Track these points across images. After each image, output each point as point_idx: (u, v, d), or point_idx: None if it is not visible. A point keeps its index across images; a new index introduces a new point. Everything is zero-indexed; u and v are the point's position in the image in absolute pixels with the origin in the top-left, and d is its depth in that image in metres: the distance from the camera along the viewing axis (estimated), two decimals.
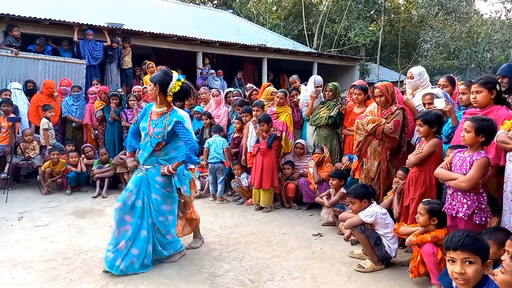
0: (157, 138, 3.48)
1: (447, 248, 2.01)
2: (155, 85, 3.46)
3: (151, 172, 3.55)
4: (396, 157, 4.39)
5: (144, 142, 3.57)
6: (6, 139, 6.55)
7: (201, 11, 18.37)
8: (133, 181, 3.57)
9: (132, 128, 3.80)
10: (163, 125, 3.47)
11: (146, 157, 3.56)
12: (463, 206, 2.92)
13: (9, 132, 6.45)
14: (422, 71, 4.75)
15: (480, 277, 1.93)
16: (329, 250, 4.06)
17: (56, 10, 10.30)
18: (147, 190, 3.52)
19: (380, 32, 20.01)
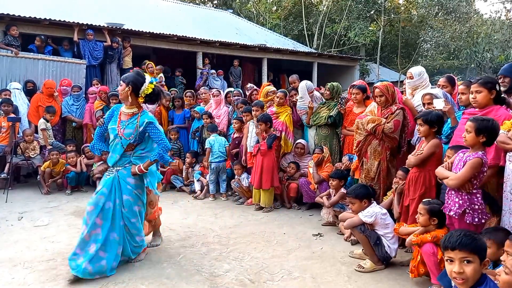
0: (128, 139, 3.46)
1: (445, 248, 2.01)
2: (127, 85, 3.43)
3: (122, 173, 3.50)
4: (396, 157, 4.39)
5: (114, 143, 3.51)
6: (6, 139, 6.55)
7: (201, 11, 18.37)
8: (103, 183, 3.50)
9: (98, 131, 3.70)
10: (134, 126, 3.45)
11: (117, 159, 3.50)
12: (455, 205, 2.95)
13: (9, 132, 6.46)
14: (422, 71, 4.75)
15: (479, 276, 1.93)
16: (329, 250, 4.06)
17: (56, 10, 10.30)
18: (118, 192, 3.47)
19: (380, 32, 20.00)
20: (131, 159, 3.53)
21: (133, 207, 3.53)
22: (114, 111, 3.58)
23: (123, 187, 3.48)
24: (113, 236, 3.43)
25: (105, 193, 3.43)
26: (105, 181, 3.50)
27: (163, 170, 6.67)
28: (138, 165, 3.49)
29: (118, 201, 3.47)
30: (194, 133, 6.85)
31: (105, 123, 3.60)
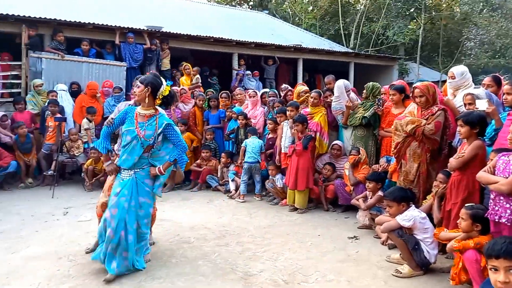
0: (148, 141, 3.42)
1: (489, 256, 1.92)
2: (146, 87, 3.40)
3: (140, 175, 3.46)
4: (436, 160, 4.24)
5: (131, 145, 3.41)
6: (53, 138, 6.94)
7: (236, 13, 18.54)
8: (121, 185, 3.43)
9: (106, 130, 3.55)
10: (154, 128, 3.44)
11: (135, 161, 3.43)
12: (506, 211, 2.79)
13: (55, 132, 6.81)
14: (464, 71, 4.56)
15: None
16: (365, 253, 3.98)
17: (99, 15, 10.74)
18: (135, 194, 3.43)
19: (420, 31, 19.37)
20: (149, 160, 3.50)
21: (149, 208, 3.54)
22: (128, 113, 3.49)
23: (140, 189, 3.45)
24: (130, 238, 3.41)
25: (126, 195, 3.39)
26: (123, 183, 3.44)
27: (199, 170, 6.80)
28: (158, 167, 3.48)
29: (134, 203, 3.42)
30: (228, 135, 6.91)
31: (114, 123, 3.51)
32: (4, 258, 3.75)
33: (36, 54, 8.17)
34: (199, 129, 7.35)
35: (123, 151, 3.45)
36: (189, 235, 4.48)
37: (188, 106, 7.55)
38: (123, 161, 3.45)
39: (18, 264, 3.61)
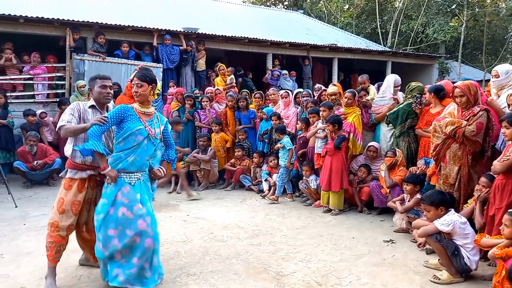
0: (158, 139, 3.24)
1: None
2: (149, 85, 3.12)
3: (145, 178, 3.21)
4: (478, 162, 4.06)
5: (142, 145, 3.10)
6: None
7: (271, 13, 18.56)
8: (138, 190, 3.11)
9: (98, 129, 3.00)
10: (158, 126, 3.24)
11: (144, 162, 3.17)
12: None
13: None
14: (509, 69, 4.34)
15: None
16: (401, 257, 3.88)
17: (138, 17, 11.09)
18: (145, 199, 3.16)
19: (462, 28, 18.63)
20: (150, 161, 3.24)
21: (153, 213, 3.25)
22: (127, 111, 3.06)
23: (148, 193, 3.22)
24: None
25: (147, 199, 3.17)
26: (137, 187, 3.11)
27: (233, 169, 6.87)
28: (159, 168, 3.29)
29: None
30: (262, 136, 6.92)
31: (109, 122, 3.01)
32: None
33: (79, 56, 8.57)
34: (230, 129, 7.41)
35: (129, 153, 3.05)
36: (223, 233, 4.54)
37: (223, 106, 7.64)
38: (131, 163, 3.06)
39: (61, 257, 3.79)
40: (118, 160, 3.06)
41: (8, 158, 7.28)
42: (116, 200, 3.03)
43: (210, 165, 6.84)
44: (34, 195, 6.28)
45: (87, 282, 3.32)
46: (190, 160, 6.84)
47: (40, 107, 8.19)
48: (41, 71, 8.52)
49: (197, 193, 6.31)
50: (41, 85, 8.60)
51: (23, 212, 5.31)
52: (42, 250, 3.70)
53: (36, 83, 8.57)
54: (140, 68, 3.22)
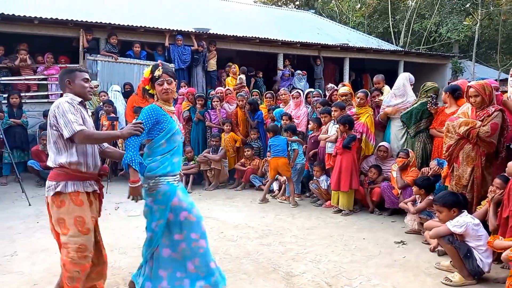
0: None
1: None
2: (175, 81, 3.03)
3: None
4: (492, 164, 3.99)
5: (180, 144, 3.04)
6: None
7: (282, 13, 18.54)
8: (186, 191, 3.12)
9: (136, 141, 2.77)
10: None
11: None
12: None
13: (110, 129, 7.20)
14: None
15: None
16: (413, 259, 3.84)
17: (150, 18, 11.18)
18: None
19: (476, 27, 18.36)
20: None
21: None
22: (159, 113, 2.86)
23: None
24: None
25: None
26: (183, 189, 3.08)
27: (243, 169, 6.88)
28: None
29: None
30: None
31: (145, 129, 2.80)
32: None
33: (92, 56, 8.68)
34: (240, 129, 7.41)
35: (173, 154, 2.92)
36: (233, 233, 4.55)
37: (233, 106, 7.66)
38: (176, 164, 2.95)
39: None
40: (164, 163, 2.86)
41: (22, 157, 7.41)
42: (173, 206, 2.86)
43: (221, 165, 6.86)
44: None
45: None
46: (200, 160, 6.87)
47: None
48: (55, 72, 8.64)
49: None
50: (55, 85, 8.73)
51: (37, 210, 5.40)
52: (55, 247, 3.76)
53: (50, 83, 8.71)
54: (161, 64, 2.97)
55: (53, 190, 2.64)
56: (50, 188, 2.67)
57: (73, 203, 2.66)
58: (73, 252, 2.63)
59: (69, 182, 2.67)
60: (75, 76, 2.86)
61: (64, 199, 2.65)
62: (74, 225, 2.65)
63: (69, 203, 2.66)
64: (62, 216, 2.65)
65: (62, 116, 2.62)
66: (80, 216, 2.67)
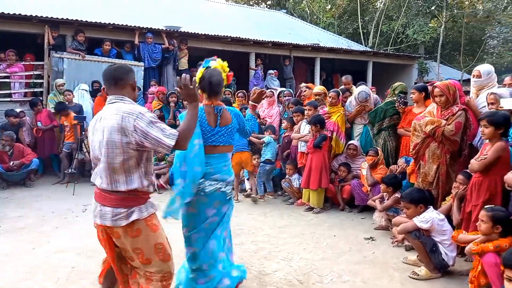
0: None
1: (506, 265, 1.84)
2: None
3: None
4: (456, 161, 4.15)
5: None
6: (72, 137, 7.10)
7: (254, 12, 18.56)
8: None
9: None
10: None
11: None
12: None
13: (73, 130, 6.98)
14: (491, 71, 4.44)
15: None
16: (382, 255, 3.93)
17: (119, 15, 10.92)
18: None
19: (441, 29, 19.02)
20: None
21: None
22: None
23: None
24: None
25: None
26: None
27: None
28: None
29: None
30: None
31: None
32: (26, 253, 3.85)
33: (58, 54, 8.38)
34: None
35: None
36: None
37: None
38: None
39: (38, 259, 3.71)
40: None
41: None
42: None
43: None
44: (11, 196, 6.12)
45: None
46: (171, 159, 6.76)
47: (17, 106, 7.98)
48: (18, 69, 8.29)
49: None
50: (18, 84, 8.37)
51: (0, 213, 5.17)
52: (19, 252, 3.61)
53: (13, 81, 8.35)
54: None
55: (126, 218, 2.22)
56: (119, 216, 2.21)
57: (151, 229, 2.31)
58: (157, 282, 2.34)
59: (142, 206, 2.29)
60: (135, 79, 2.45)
61: (140, 226, 2.27)
62: (156, 255, 2.33)
63: (145, 230, 2.29)
64: (140, 246, 2.29)
65: (151, 126, 2.14)
66: (160, 242, 2.35)
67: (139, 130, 2.12)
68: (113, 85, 2.28)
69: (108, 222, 2.22)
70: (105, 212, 2.21)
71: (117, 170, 2.18)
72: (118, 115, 2.14)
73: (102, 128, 2.18)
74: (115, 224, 2.21)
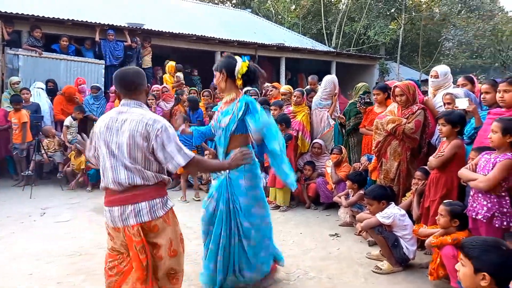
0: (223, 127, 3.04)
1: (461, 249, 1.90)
2: (221, 73, 3.03)
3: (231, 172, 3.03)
4: (416, 158, 4.31)
5: (218, 138, 3.14)
6: (19, 138, 6.68)
7: (219, 11, 18.46)
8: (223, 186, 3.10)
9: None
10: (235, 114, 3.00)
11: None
12: (482, 208, 2.86)
13: (22, 130, 6.62)
14: (448, 71, 4.65)
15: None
16: (346, 251, 4.03)
17: (79, 11, 10.53)
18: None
19: (400, 31, 19.71)
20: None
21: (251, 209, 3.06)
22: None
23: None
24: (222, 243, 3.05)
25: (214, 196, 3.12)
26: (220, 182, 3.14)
27: None
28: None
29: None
30: None
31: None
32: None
33: (13, 51, 7.95)
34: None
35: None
36: None
37: (170, 104, 7.48)
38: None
39: None
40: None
41: None
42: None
43: None
44: None
45: None
46: None
47: None
48: None
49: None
50: None
51: None
52: None
53: None
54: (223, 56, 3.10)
55: (162, 208, 2.22)
56: (156, 207, 2.20)
57: (169, 222, 2.29)
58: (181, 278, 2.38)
59: (162, 198, 2.27)
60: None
61: (170, 215, 2.29)
62: (180, 244, 2.34)
63: (173, 218, 2.32)
64: (171, 236, 2.28)
65: (171, 141, 2.20)
66: (181, 233, 2.38)
67: (159, 140, 2.18)
68: (133, 90, 2.30)
69: (146, 218, 2.17)
70: (141, 208, 2.17)
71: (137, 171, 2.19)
72: (144, 122, 2.19)
73: (126, 130, 2.19)
74: (153, 217, 2.19)
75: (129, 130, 2.18)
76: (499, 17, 22.27)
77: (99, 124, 2.31)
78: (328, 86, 5.82)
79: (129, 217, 2.16)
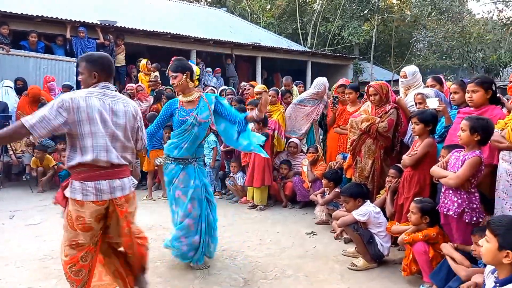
0: (207, 121, 3.46)
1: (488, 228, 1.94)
2: (183, 73, 3.36)
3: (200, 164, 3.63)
4: (389, 156, 4.41)
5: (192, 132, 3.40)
6: None
7: (195, 9, 18.32)
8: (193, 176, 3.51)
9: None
10: (207, 108, 3.42)
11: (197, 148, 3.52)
12: (453, 204, 2.94)
13: None
14: (416, 71, 4.77)
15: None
16: (323, 248, 4.07)
17: (49, 7, 10.21)
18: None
19: (373, 32, 20.08)
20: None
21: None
22: (173, 106, 3.44)
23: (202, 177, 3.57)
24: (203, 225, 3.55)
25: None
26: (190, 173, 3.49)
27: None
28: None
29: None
30: None
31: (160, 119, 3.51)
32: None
33: None
34: None
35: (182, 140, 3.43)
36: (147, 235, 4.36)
37: (145, 103, 7.36)
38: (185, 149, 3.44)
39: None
40: (173, 146, 3.42)
41: None
42: (174, 184, 3.45)
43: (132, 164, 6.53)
44: None
45: None
46: None
47: None
48: None
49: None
50: None
51: None
52: None
53: None
54: (173, 61, 3.41)
55: (133, 185, 2.64)
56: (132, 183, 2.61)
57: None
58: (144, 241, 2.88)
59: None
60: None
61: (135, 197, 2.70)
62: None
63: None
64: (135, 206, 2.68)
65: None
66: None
67: (141, 121, 2.65)
68: (112, 74, 2.54)
69: (127, 191, 2.52)
70: (124, 183, 2.50)
71: (129, 148, 2.56)
72: (131, 104, 2.58)
73: (123, 112, 2.47)
74: (131, 190, 2.57)
75: (124, 111, 2.47)
76: (467, 19, 23.02)
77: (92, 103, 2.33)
78: (320, 87, 5.83)
79: (116, 190, 2.44)
